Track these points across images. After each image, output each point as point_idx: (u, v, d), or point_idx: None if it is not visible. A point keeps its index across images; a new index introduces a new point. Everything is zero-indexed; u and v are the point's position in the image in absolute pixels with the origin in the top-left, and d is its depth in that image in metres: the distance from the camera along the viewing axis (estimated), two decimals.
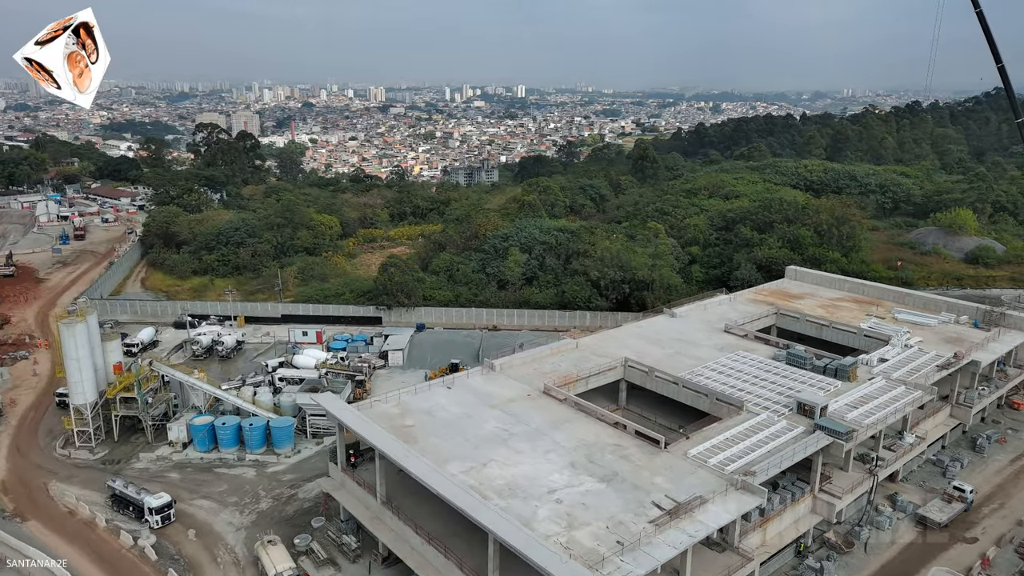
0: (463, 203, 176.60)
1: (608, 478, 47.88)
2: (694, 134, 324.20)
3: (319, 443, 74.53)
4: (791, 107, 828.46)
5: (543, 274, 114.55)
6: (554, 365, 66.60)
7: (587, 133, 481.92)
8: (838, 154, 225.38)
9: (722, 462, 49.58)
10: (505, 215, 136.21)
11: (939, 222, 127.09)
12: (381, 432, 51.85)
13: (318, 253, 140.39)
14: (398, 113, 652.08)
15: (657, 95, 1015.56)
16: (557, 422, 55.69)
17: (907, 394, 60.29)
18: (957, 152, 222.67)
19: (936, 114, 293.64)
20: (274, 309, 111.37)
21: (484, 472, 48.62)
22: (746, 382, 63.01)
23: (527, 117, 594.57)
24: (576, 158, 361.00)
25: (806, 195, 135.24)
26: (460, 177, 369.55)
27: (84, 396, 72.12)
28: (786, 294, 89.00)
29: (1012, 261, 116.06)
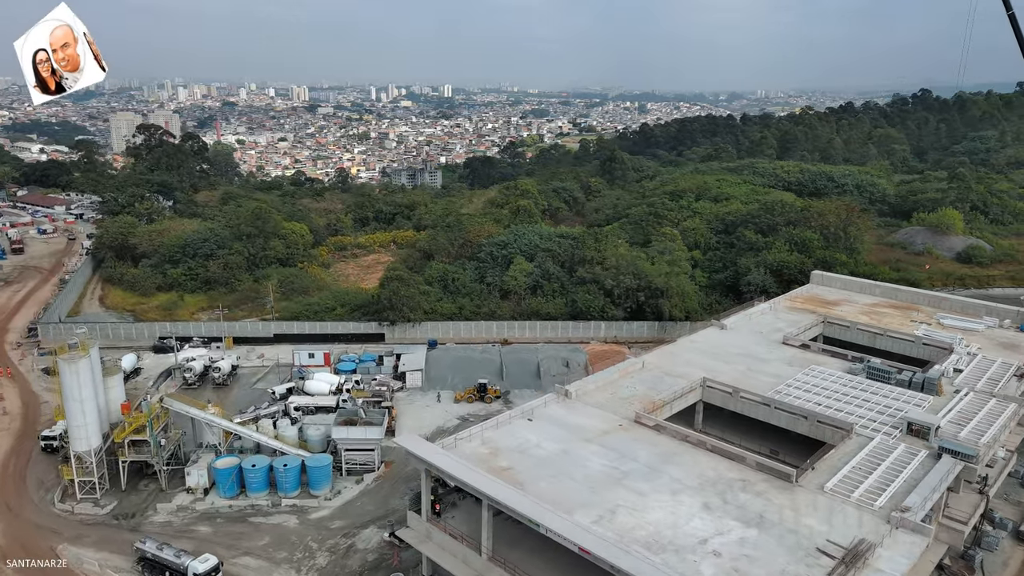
0: (432, 207, 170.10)
1: (754, 522, 43.49)
2: (640, 134, 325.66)
3: (359, 481, 67.50)
4: (711, 107, 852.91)
5: (547, 283, 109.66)
6: (630, 389, 61.86)
7: (526, 133, 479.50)
8: (787, 154, 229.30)
9: (865, 496, 45.97)
10: (496, 221, 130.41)
11: (924, 222, 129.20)
12: (494, 481, 45.83)
13: (292, 264, 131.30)
14: (327, 113, 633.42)
15: (581, 95, 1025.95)
16: (666, 456, 50.98)
17: (1001, 407, 58.49)
18: (901, 152, 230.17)
19: (869, 114, 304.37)
20: (265, 328, 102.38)
21: (617, 521, 43.41)
22: (835, 400, 59.88)
23: (463, 117, 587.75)
24: (520, 159, 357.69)
25: (803, 199, 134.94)
26: (402, 178, 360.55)
27: (88, 442, 62.86)
28: (822, 301, 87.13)
29: (1003, 259, 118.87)
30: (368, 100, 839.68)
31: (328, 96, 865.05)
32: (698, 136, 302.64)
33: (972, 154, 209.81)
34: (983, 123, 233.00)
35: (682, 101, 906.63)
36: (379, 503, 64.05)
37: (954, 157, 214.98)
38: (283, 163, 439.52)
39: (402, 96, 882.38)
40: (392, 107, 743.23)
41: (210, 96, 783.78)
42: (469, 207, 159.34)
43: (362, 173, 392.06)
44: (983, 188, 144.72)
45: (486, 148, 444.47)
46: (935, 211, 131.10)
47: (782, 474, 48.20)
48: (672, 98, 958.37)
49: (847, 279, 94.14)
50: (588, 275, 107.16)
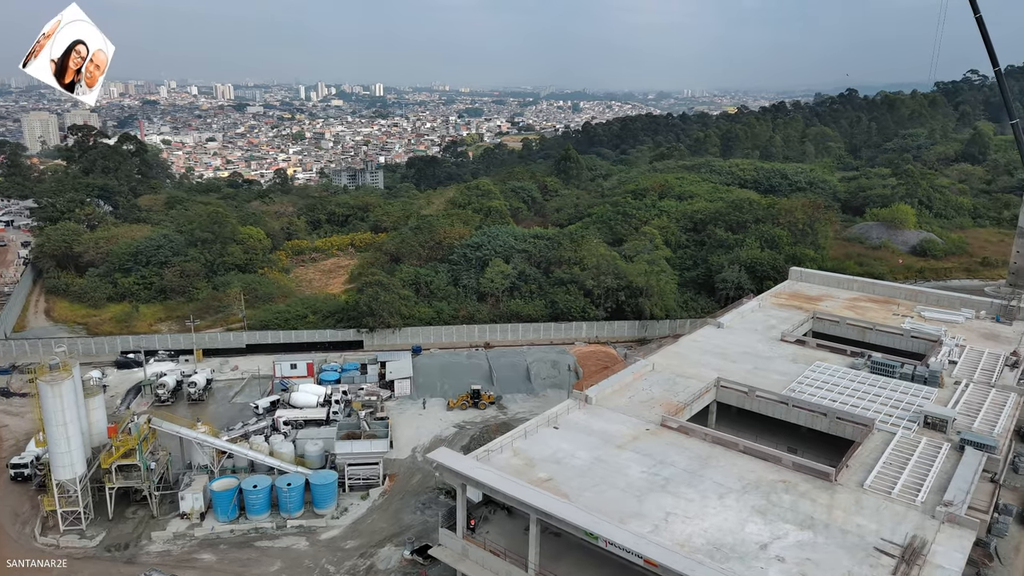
0: (388, 209, 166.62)
1: (808, 523, 43.42)
2: (583, 133, 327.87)
3: (364, 497, 64.84)
4: (641, 105, 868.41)
5: (524, 285, 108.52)
6: (646, 392, 61.34)
7: (465, 133, 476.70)
8: (729, 152, 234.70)
9: (905, 492, 46.59)
10: (464, 222, 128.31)
11: (878, 217, 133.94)
12: (543, 494, 44.33)
13: (252, 270, 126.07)
14: (256, 112, 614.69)
15: (513, 94, 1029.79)
16: (702, 459, 50.54)
17: (1003, 397, 60.53)
18: (836, 149, 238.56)
19: (801, 113, 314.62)
20: (237, 339, 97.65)
21: (672, 529, 42.65)
22: (847, 395, 60.78)
23: (400, 117, 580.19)
24: (464, 158, 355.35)
25: (765, 196, 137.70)
26: (343, 179, 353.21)
27: (72, 469, 58.25)
28: (805, 296, 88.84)
29: (955, 252, 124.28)
30: (297, 99, 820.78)
31: (254, 94, 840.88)
32: (640, 135, 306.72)
33: (904, 151, 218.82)
34: (912, 121, 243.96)
35: (613, 100, 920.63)
36: (391, 519, 61.61)
37: (886, 154, 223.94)
38: (214, 164, 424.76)
39: (332, 95, 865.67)
40: (323, 106, 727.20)
41: (128, 94, 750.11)
42: (429, 208, 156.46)
43: (299, 174, 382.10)
44: (926, 184, 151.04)
45: (425, 147, 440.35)
46: (887, 207, 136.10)
47: (821, 473, 48.40)
48: (603, 97, 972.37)
49: (825, 275, 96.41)
50: (566, 276, 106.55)
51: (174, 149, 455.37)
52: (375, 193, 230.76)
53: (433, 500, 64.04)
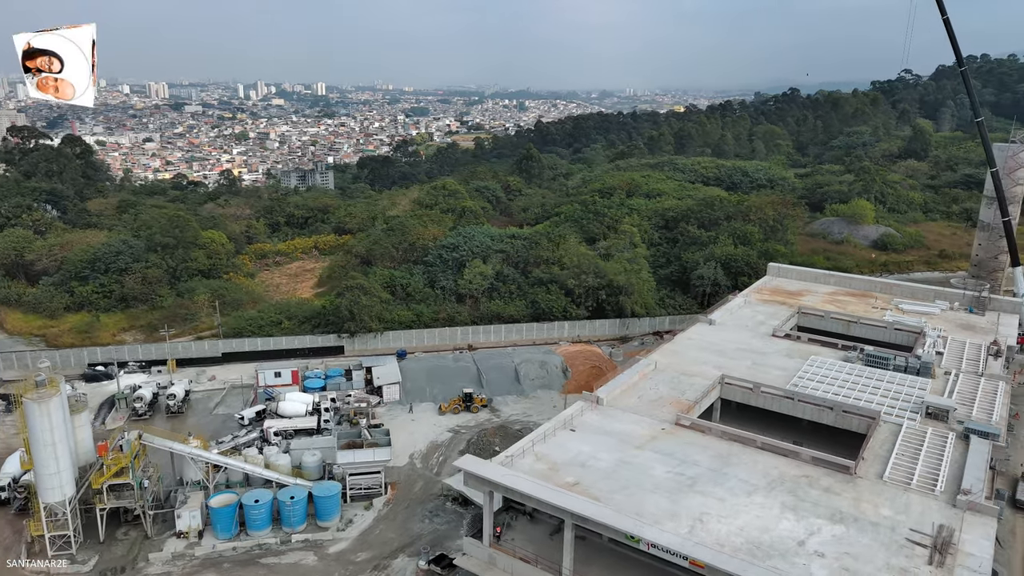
0: (352, 210, 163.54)
1: (838, 518, 44.08)
2: (536, 132, 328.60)
3: (367, 507, 63.18)
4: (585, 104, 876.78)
5: (503, 285, 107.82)
6: (654, 391, 61.49)
7: (415, 132, 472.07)
8: (682, 150, 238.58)
9: (923, 483, 47.79)
10: (434, 222, 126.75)
11: (839, 212, 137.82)
12: (578, 498, 43.82)
13: (217, 275, 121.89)
14: (195, 112, 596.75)
15: (458, 93, 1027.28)
16: (723, 457, 50.87)
17: (992, 386, 62.74)
18: (785, 147, 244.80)
19: (747, 111, 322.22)
20: (212, 347, 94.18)
21: (709, 529, 42.72)
22: (847, 388, 62.12)
23: (347, 116, 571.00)
24: (416, 158, 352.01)
25: (734, 193, 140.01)
26: (291, 180, 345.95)
27: (62, 491, 55.08)
28: (786, 292, 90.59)
29: (912, 246, 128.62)
30: (236, 98, 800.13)
31: (191, 93, 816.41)
32: (592, 133, 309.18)
33: (850, 148, 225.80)
34: (855, 119, 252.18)
35: (557, 99, 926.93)
36: (399, 529, 60.17)
37: (833, 151, 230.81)
38: (153, 165, 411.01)
39: (273, 94, 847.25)
40: (264, 105, 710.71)
41: None
42: (395, 209, 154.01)
43: (245, 175, 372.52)
44: (880, 180, 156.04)
45: (375, 147, 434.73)
46: (845, 203, 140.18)
47: (840, 467, 49.27)
48: (547, 96, 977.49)
49: (803, 270, 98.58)
50: (546, 276, 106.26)
51: (109, 150, 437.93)
52: (330, 194, 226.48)
53: (440, 508, 62.84)
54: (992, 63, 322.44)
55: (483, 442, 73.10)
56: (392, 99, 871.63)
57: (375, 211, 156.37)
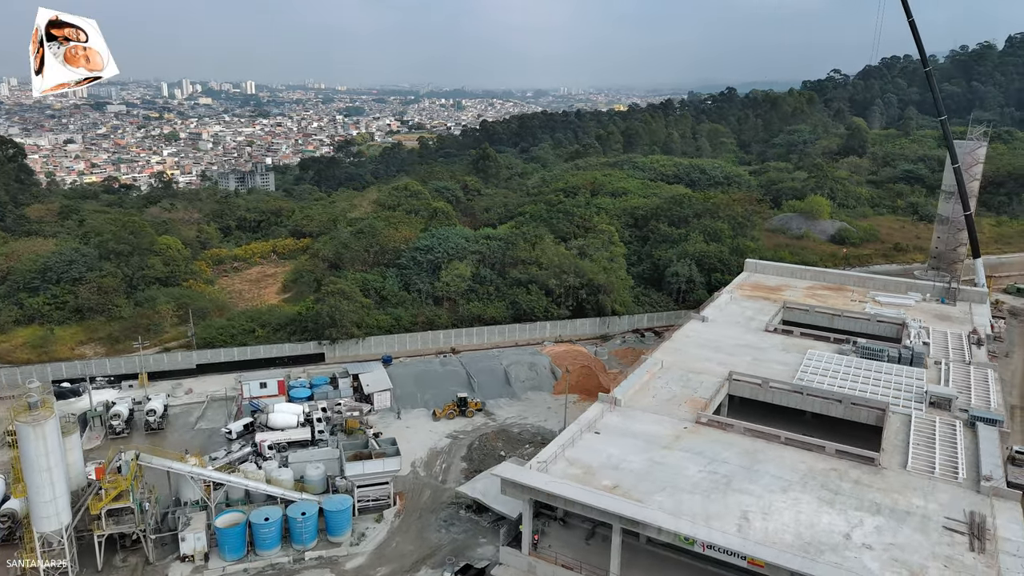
0: (310, 212, 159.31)
1: (874, 509, 45.06)
2: (482, 131, 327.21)
3: (378, 519, 61.43)
4: (521, 103, 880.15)
5: (481, 287, 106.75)
6: (667, 390, 61.75)
7: (355, 132, 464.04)
8: (630, 148, 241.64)
9: (945, 471, 49.29)
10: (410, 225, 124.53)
11: (796, 208, 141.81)
12: (631, 503, 43.44)
13: (175, 283, 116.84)
14: (119, 111, 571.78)
15: (392, 92, 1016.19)
16: (750, 454, 51.41)
17: (982, 374, 65.39)
18: (729, 145, 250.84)
19: (687, 110, 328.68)
20: (186, 359, 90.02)
21: (755, 527, 43.01)
22: (849, 381, 63.69)
23: (283, 116, 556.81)
24: (359, 158, 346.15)
25: (699, 191, 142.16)
26: (229, 182, 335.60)
27: (59, 519, 51.54)
28: (767, 287, 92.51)
29: (868, 240, 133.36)
30: (160, 97, 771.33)
31: (111, 92, 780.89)
32: (538, 132, 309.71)
33: (791, 146, 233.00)
34: (794, 118, 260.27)
35: (492, 98, 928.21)
36: (416, 540, 58.64)
37: (775, 149, 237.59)
38: (77, 168, 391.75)
39: (199, 92, 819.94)
40: (191, 105, 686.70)
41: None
42: (356, 211, 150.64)
43: (178, 177, 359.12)
44: (830, 176, 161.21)
45: (314, 148, 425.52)
46: (800, 199, 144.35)
47: (864, 459, 50.40)
48: (482, 95, 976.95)
49: (779, 265, 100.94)
50: (524, 276, 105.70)
51: (29, 152, 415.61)
52: (281, 197, 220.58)
53: (454, 516, 61.57)
54: (915, 63, 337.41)
55: (486, 447, 72.14)
56: (326, 98, 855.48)
57: (334, 213, 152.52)
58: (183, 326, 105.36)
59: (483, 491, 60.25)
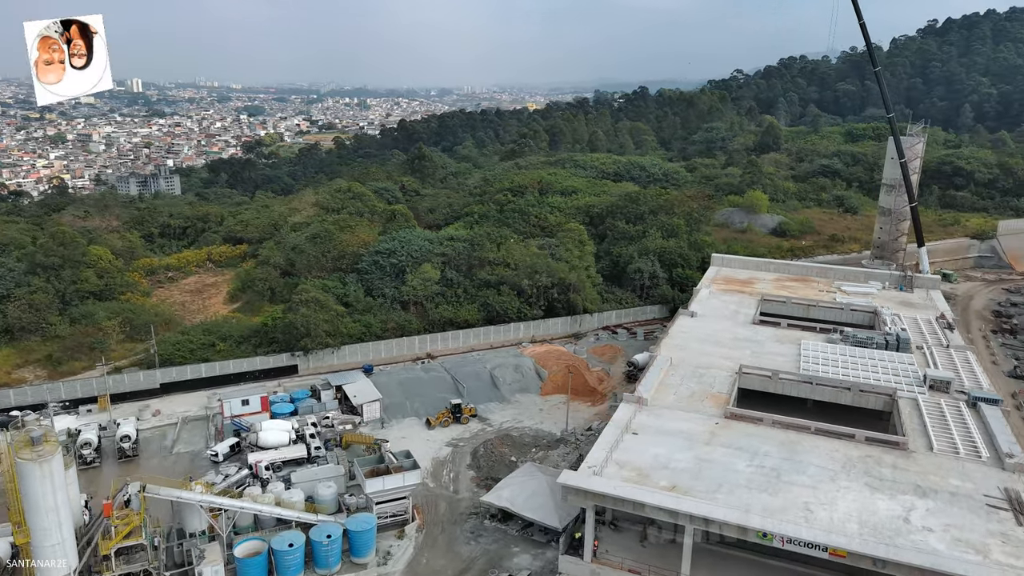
0: (244, 217, 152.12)
1: (920, 492, 46.93)
2: (401, 130, 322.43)
3: (400, 536, 59.11)
4: (427, 101, 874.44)
5: (449, 289, 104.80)
6: (685, 386, 62.34)
7: (263, 132, 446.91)
8: (556, 146, 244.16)
9: (968, 451, 51.89)
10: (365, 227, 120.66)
11: (737, 203, 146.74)
12: (702, 503, 43.36)
13: (112, 297, 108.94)
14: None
15: (292, 91, 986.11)
16: (787, 446, 52.56)
17: (962, 356, 69.49)
18: (651, 142, 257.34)
19: (603, 108, 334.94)
20: (149, 378, 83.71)
21: (819, 517, 44.02)
22: (849, 368, 66.13)
23: (182, 116, 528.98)
24: (274, 159, 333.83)
25: (654, 188, 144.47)
26: (129, 187, 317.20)
27: (67, 563, 46.82)
28: (738, 281, 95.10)
29: (807, 232, 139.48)
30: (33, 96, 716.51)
31: None
32: (459, 131, 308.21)
33: (710, 143, 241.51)
34: (710, 116, 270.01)
35: (396, 96, 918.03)
36: (447, 555, 56.73)
37: (695, 146, 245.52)
38: None
39: None
40: (73, 104, 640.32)
41: None
42: (298, 215, 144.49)
43: (70, 182, 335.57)
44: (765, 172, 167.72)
45: (219, 149, 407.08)
46: (740, 194, 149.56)
47: (893, 444, 52.45)
48: (386, 94, 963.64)
49: (744, 259, 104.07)
50: (493, 277, 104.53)
51: None
52: (203, 201, 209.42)
53: (479, 527, 59.97)
54: (812, 63, 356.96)
55: (493, 454, 70.77)
56: (220, 97, 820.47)
57: (273, 218, 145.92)
58: (130, 343, 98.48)
59: (510, 499, 58.94)
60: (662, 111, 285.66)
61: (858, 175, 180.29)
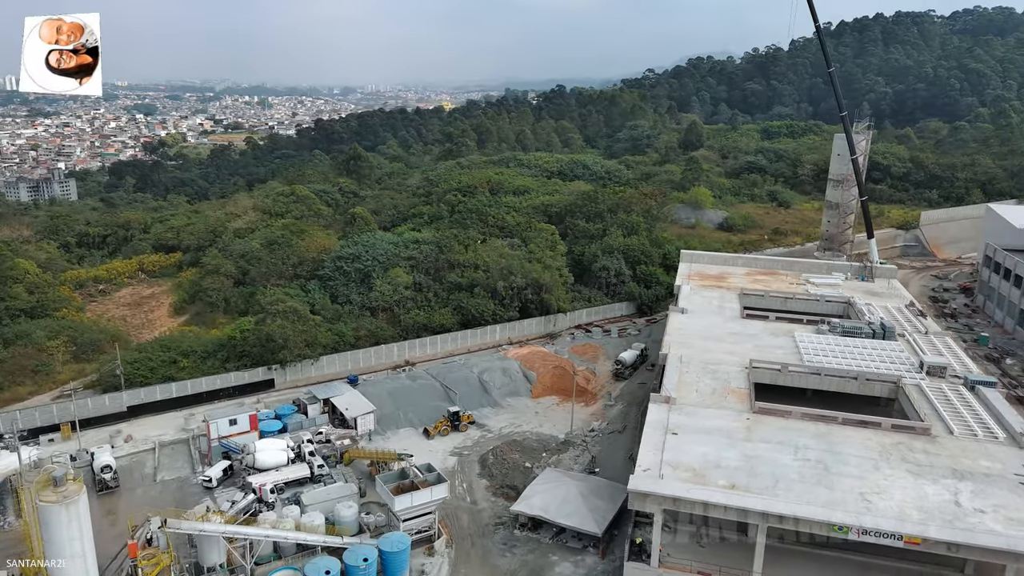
0: (173, 224, 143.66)
1: (960, 475, 48.88)
2: (318, 130, 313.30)
3: (429, 553, 56.91)
4: (331, 99, 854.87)
5: (419, 293, 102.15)
6: (704, 384, 62.81)
7: (163, 133, 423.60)
8: (483, 145, 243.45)
9: (985, 434, 54.61)
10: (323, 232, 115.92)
11: (682, 200, 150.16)
12: (774, 500, 43.61)
13: (45, 314, 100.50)
14: None
15: (184, 88, 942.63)
16: (823, 437, 53.72)
17: (942, 341, 73.38)
18: (577, 141, 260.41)
19: (520, 108, 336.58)
20: (115, 401, 77.14)
21: (879, 507, 45.06)
22: (848, 358, 68.50)
23: (70, 115, 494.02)
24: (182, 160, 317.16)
25: (597, 186, 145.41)
26: (18, 192, 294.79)
27: None
28: (712, 276, 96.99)
29: (751, 226, 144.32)
30: None
31: None
32: (379, 131, 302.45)
33: (635, 140, 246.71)
34: (633, 114, 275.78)
35: (297, 95, 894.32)
36: (484, 569, 54.98)
37: (620, 144, 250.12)
38: None
39: None
40: None
41: None
42: (237, 221, 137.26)
43: None
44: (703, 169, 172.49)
45: (116, 150, 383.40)
46: (683, 190, 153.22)
47: (919, 430, 54.59)
48: (286, 92, 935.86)
49: (712, 255, 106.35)
50: (464, 280, 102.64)
51: None
52: (86, 205, 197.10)
53: (510, 537, 58.44)
54: (719, 63, 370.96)
55: (505, 461, 69.26)
56: (106, 95, 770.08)
57: (209, 224, 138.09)
58: (76, 364, 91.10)
59: (543, 507, 57.80)
60: (585, 109, 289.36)
61: (782, 171, 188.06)
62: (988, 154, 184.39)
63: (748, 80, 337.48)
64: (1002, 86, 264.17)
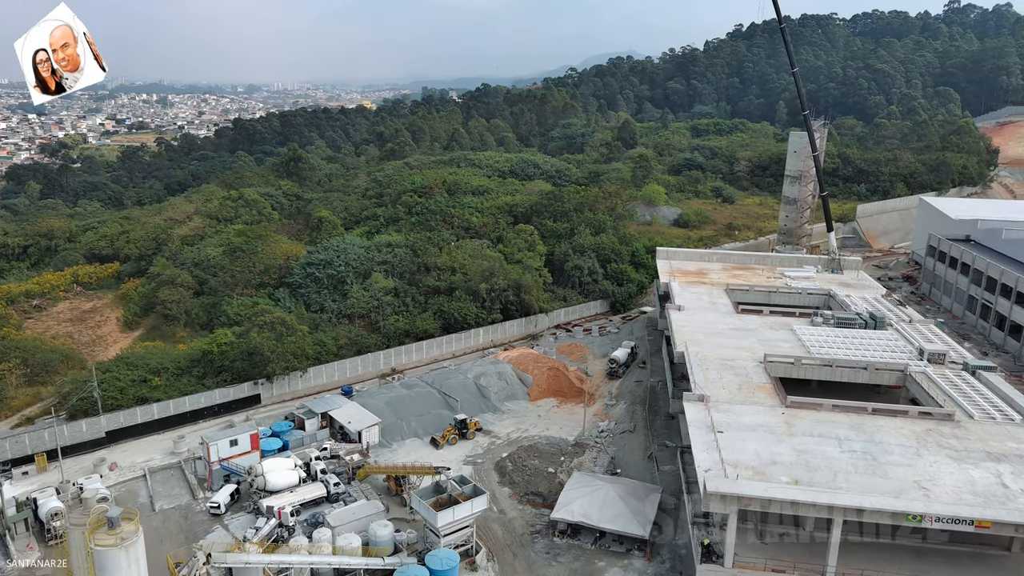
0: (106, 232, 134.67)
1: (994, 458, 50.89)
2: (238, 130, 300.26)
3: (472, 567, 55.05)
4: (236, 97, 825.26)
5: (397, 299, 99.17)
6: (728, 380, 63.11)
7: (62, 134, 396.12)
8: (419, 144, 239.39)
9: (1002, 417, 57.28)
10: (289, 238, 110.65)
11: (637, 197, 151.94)
12: (848, 495, 44.15)
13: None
14: None
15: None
16: (858, 427, 54.91)
17: (928, 329, 76.80)
18: (511, 139, 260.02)
19: (447, 107, 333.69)
20: (93, 427, 70.93)
21: (936, 494, 46.26)
22: (851, 349, 70.55)
23: None
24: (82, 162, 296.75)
25: (574, 186, 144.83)
26: None
27: None
28: (693, 272, 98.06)
29: (705, 223, 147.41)
30: None
31: None
32: (305, 131, 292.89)
33: (570, 138, 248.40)
34: (565, 113, 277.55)
35: (199, 93, 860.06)
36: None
37: (555, 142, 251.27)
38: None
39: None
40: None
41: None
42: (181, 228, 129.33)
43: None
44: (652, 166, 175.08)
45: (9, 152, 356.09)
46: (639, 188, 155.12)
47: (944, 416, 56.71)
48: (185, 90, 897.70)
49: (687, 251, 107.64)
50: (443, 283, 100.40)
51: None
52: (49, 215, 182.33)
53: (551, 546, 57.30)
54: (639, 63, 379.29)
55: (525, 468, 67.89)
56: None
57: (149, 231, 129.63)
58: (30, 388, 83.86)
59: (584, 513, 56.89)
60: (516, 108, 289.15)
61: (719, 167, 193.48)
62: (907, 149, 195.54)
63: (669, 80, 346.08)
64: (907, 85, 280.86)
